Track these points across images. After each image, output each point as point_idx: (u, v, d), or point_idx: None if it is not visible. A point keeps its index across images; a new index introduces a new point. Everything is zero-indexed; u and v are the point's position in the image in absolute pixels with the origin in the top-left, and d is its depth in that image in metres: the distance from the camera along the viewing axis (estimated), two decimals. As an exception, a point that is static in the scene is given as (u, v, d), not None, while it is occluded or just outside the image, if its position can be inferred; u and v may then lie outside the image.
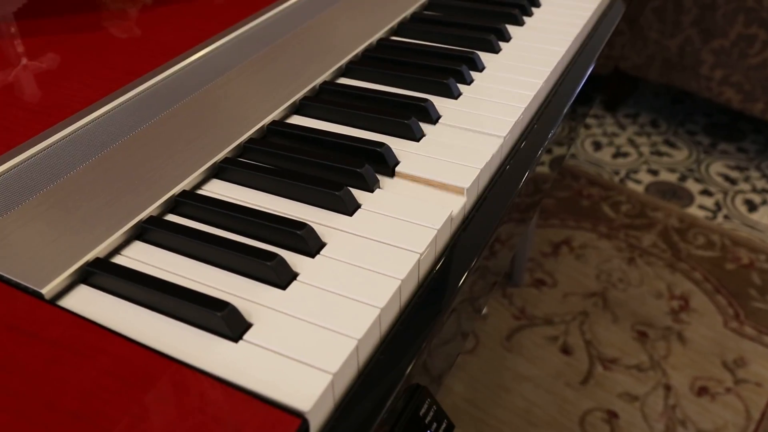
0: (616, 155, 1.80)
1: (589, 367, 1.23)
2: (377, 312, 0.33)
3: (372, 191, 0.40)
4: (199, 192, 0.42)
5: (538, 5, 0.66)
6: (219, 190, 0.42)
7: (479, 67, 0.55)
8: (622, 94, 1.99)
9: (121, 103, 0.45)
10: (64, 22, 0.54)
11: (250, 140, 0.45)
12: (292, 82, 0.50)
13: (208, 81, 0.49)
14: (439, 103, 0.50)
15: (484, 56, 0.57)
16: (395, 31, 0.61)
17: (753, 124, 1.91)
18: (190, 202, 0.40)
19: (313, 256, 0.36)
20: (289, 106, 0.49)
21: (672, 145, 1.84)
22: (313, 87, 0.51)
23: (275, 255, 0.35)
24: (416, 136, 0.45)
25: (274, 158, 0.44)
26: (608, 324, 1.31)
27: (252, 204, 0.40)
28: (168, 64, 0.50)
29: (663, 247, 1.49)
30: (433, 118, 0.48)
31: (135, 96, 0.46)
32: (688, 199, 1.65)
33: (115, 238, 0.37)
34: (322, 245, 0.37)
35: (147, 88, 0.47)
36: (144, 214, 0.38)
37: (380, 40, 0.58)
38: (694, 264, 1.44)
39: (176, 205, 0.40)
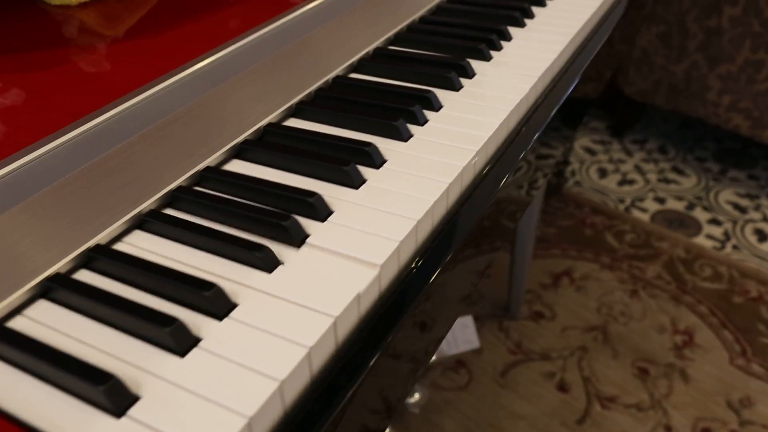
0: (622, 182, 1.76)
1: (586, 405, 1.18)
2: (246, 421, 0.29)
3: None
4: (115, 247, 0.40)
5: (508, 39, 0.64)
6: (139, 243, 0.40)
7: (435, 107, 0.52)
8: (629, 120, 1.95)
9: (55, 147, 0.43)
10: (6, 61, 0.53)
11: (178, 188, 0.43)
12: (236, 123, 0.48)
13: (148, 124, 0.47)
14: (387, 145, 0.48)
15: (443, 94, 0.54)
16: (355, 67, 0.59)
17: (764, 150, 1.86)
18: (102, 257, 0.37)
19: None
20: (229, 149, 0.47)
21: (680, 172, 1.79)
22: (258, 129, 0.49)
23: (174, 319, 0.32)
24: (355, 183, 0.43)
25: (203, 209, 0.41)
26: (608, 360, 1.26)
27: (167, 259, 0.38)
28: (110, 105, 0.48)
29: (668, 278, 1.44)
30: (376, 162, 0.45)
31: (69, 140, 0.44)
32: (695, 228, 1.60)
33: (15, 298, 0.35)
34: (225, 312, 0.34)
35: (85, 131, 0.45)
36: (46, 273, 0.36)
37: (336, 78, 0.56)
38: (699, 297, 1.39)
39: (89, 260, 0.38)
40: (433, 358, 1.21)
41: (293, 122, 0.52)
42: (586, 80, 0.70)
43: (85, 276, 0.38)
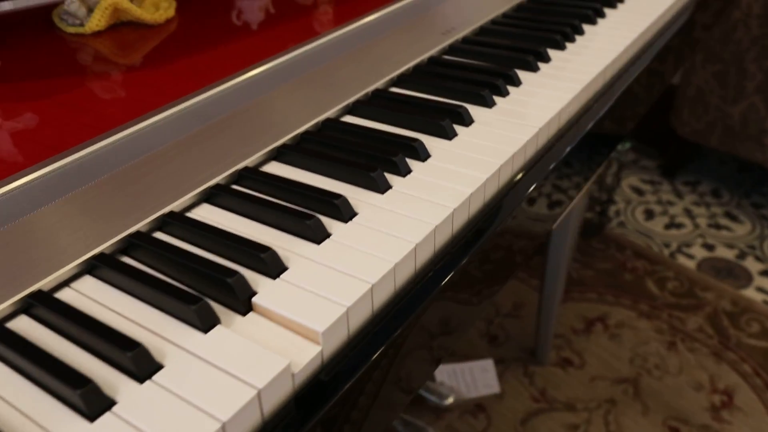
0: (669, 226, 1.68)
1: (609, 463, 1.12)
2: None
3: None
4: (55, 297, 0.39)
5: (516, 84, 0.61)
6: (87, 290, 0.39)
7: (422, 157, 0.50)
8: (681, 160, 1.87)
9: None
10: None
11: (135, 234, 0.41)
12: (212, 165, 0.47)
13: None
14: (363, 197, 0.45)
15: (433, 142, 0.51)
16: (350, 109, 0.57)
17: (828, 199, 1.75)
18: (43, 304, 0.36)
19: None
20: (200, 192, 0.45)
21: (733, 218, 1.70)
22: (234, 172, 0.48)
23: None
24: (317, 238, 0.41)
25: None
26: (637, 416, 1.19)
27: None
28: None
29: (710, 332, 1.36)
30: (345, 216, 0.43)
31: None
32: (745, 279, 1.51)
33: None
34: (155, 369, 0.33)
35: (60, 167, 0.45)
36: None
37: (326, 121, 0.55)
38: (744, 354, 1.31)
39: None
40: (451, 400, 1.17)
41: (270, 167, 0.50)
42: (613, 119, 0.67)
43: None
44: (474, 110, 0.56)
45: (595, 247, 1.59)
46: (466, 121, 0.54)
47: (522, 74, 0.63)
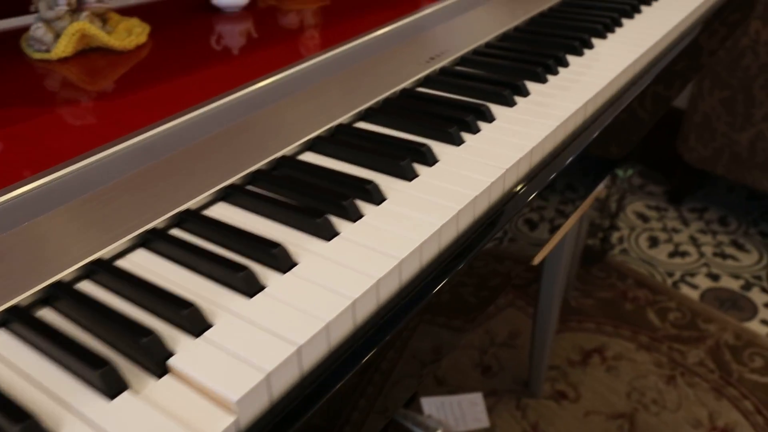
0: (674, 254, 1.64)
1: (601, 503, 1.08)
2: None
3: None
4: None
5: (489, 120, 0.58)
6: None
7: (376, 200, 0.47)
8: (688, 187, 1.83)
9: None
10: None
11: (56, 283, 0.39)
12: (152, 207, 0.44)
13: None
14: (308, 245, 0.43)
15: (391, 183, 0.49)
16: (310, 146, 0.55)
17: (839, 229, 1.71)
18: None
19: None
20: (133, 238, 0.43)
21: (740, 247, 1.66)
22: (176, 214, 0.45)
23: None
24: (250, 291, 0.38)
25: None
26: (631, 454, 1.15)
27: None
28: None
29: (711, 366, 1.32)
30: (283, 267, 0.40)
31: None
32: (750, 311, 1.47)
33: None
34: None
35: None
36: None
37: (282, 159, 0.52)
38: (745, 391, 1.26)
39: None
40: (439, 433, 1.13)
41: (217, 209, 0.48)
42: (607, 145, 0.64)
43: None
44: (439, 148, 0.54)
45: (595, 275, 1.56)
46: (429, 160, 0.51)
47: (497, 109, 0.60)
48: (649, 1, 0.90)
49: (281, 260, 0.40)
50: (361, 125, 0.58)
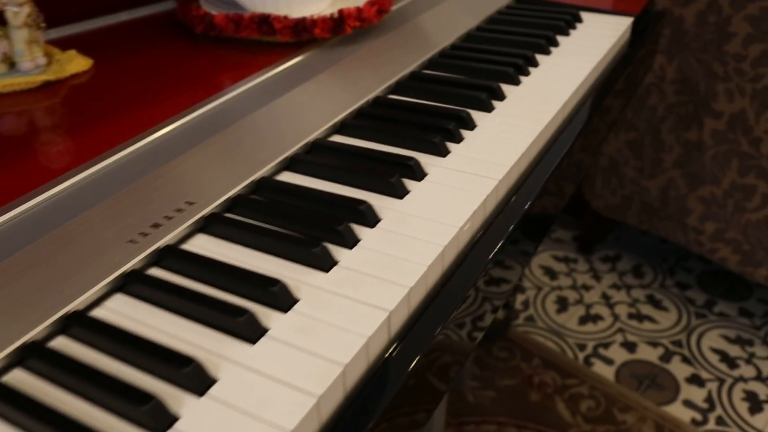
0: (585, 319, 1.44)
1: None
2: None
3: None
4: None
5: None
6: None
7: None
8: (598, 235, 1.64)
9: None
10: None
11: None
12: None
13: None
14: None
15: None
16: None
17: (760, 277, 1.55)
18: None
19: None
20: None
21: (657, 303, 1.48)
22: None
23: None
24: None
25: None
26: None
27: None
28: None
29: (630, 473, 1.12)
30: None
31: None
32: (671, 390, 1.28)
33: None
34: None
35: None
36: None
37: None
38: (670, 504, 1.07)
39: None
40: None
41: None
42: (543, 195, 0.52)
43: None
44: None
45: (497, 355, 1.34)
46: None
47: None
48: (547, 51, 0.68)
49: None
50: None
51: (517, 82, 0.64)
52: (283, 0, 0.69)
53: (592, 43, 0.73)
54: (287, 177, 0.47)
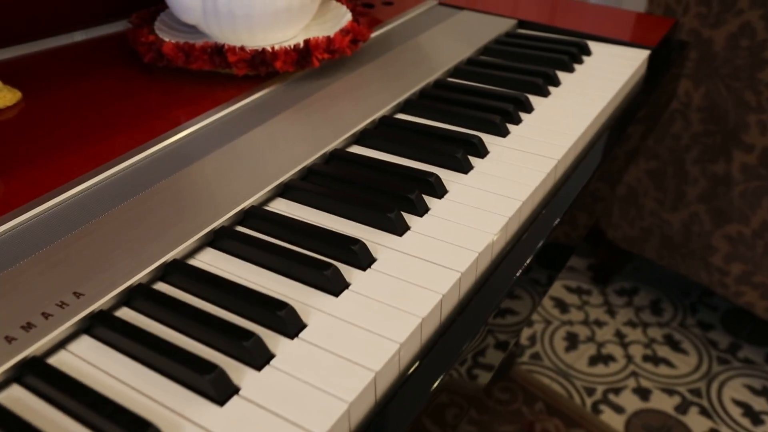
0: (596, 360, 1.34)
1: None
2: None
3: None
4: None
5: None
6: None
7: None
8: (614, 266, 1.53)
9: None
10: None
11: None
12: None
13: None
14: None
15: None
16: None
17: (790, 320, 1.43)
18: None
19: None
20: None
21: (675, 345, 1.37)
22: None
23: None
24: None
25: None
26: None
27: None
28: None
29: None
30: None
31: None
32: (686, 446, 1.17)
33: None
34: None
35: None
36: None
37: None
38: None
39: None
40: None
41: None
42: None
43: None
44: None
45: (498, 397, 1.24)
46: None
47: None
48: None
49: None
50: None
51: (504, 134, 0.54)
52: (243, 26, 0.61)
53: (599, 83, 0.63)
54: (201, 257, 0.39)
